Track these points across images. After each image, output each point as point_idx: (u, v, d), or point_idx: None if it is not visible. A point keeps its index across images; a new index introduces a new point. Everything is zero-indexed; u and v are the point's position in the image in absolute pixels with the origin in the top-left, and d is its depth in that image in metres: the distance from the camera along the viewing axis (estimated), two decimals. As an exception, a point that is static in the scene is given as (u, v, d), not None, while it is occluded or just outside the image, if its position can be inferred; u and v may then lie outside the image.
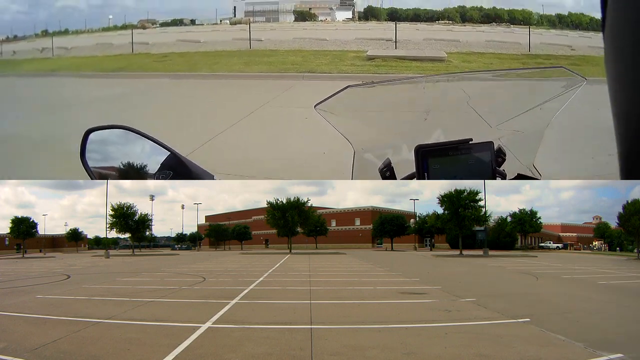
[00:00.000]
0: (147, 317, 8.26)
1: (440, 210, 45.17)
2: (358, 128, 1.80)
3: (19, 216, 59.88)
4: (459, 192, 41.94)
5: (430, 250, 59.49)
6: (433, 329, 7.23)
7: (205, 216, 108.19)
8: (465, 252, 41.62)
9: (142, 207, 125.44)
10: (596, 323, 7.82)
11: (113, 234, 56.03)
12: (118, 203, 51.56)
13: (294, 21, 66.92)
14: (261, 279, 16.44)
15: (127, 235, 53.89)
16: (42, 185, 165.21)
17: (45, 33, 52.13)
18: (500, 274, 19.83)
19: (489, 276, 19.01)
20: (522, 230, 66.10)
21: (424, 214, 61.90)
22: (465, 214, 41.95)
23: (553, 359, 5.48)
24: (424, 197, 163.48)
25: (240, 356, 5.55)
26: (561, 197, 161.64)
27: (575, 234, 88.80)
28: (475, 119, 1.83)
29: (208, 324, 7.42)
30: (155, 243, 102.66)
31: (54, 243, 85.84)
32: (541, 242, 76.98)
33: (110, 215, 49.69)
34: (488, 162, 1.78)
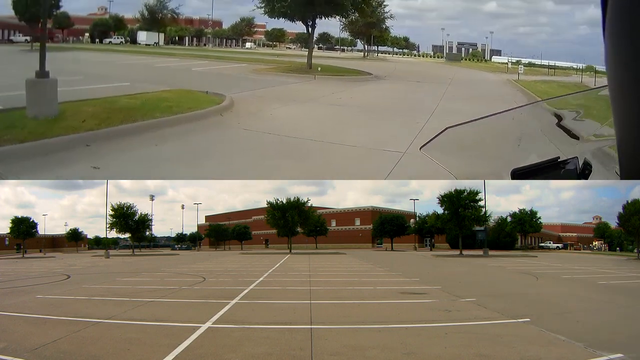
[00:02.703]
0: (147, 317, 8.26)
1: (440, 210, 45.18)
2: (459, 162, 2.16)
3: (19, 216, 60.06)
4: (459, 192, 41.90)
5: (430, 250, 59.47)
6: (433, 329, 7.23)
7: (205, 216, 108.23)
8: (465, 252, 41.59)
9: (142, 207, 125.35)
10: (596, 323, 7.83)
11: (113, 234, 56.07)
12: (118, 203, 51.52)
13: None
14: (261, 279, 16.43)
15: (127, 235, 53.87)
16: (42, 185, 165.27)
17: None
18: (500, 274, 19.83)
19: (489, 276, 19.01)
20: (522, 230, 66.11)
21: (424, 214, 61.91)
22: (465, 214, 41.91)
23: (553, 359, 5.48)
24: (424, 197, 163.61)
25: (240, 356, 5.55)
26: (561, 197, 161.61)
27: (575, 234, 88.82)
28: (562, 138, 2.10)
29: (208, 324, 7.42)
30: (155, 243, 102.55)
31: (54, 243, 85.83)
32: (541, 242, 76.98)
33: (110, 215, 49.66)
34: (575, 176, 2.04)
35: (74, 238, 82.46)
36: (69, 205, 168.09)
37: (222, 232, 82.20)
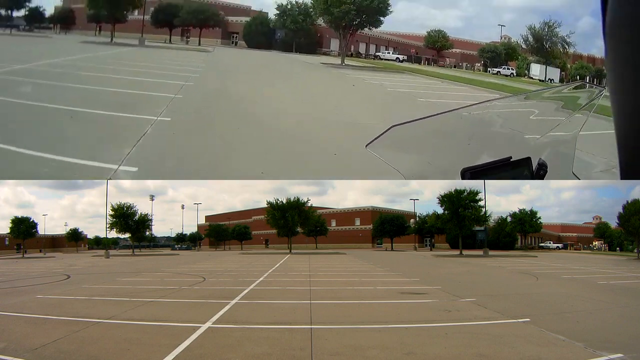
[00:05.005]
0: (147, 317, 8.25)
1: (440, 210, 45.17)
2: (406, 161, 2.05)
3: (19, 216, 59.99)
4: (459, 192, 41.88)
5: (430, 250, 59.48)
6: (433, 329, 7.23)
7: (205, 216, 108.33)
8: (465, 252, 41.59)
9: (142, 207, 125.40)
10: (596, 323, 7.83)
11: (113, 234, 55.99)
12: (118, 203, 51.51)
13: None
14: (261, 279, 16.43)
15: (127, 235, 53.82)
16: (42, 185, 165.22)
17: None
18: (500, 274, 19.83)
19: (489, 276, 19.01)
20: (522, 230, 66.11)
21: (424, 214, 62.01)
22: (465, 214, 41.90)
23: (553, 359, 5.48)
24: (424, 197, 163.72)
25: (240, 356, 5.55)
26: (561, 197, 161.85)
27: (575, 234, 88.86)
28: (514, 138, 2.05)
29: (208, 324, 7.42)
30: (155, 243, 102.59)
31: (54, 243, 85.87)
32: (541, 242, 77.00)
33: (110, 215, 49.62)
34: (527, 176, 1.99)
35: (74, 238, 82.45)
36: (69, 205, 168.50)
37: (222, 232, 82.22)
